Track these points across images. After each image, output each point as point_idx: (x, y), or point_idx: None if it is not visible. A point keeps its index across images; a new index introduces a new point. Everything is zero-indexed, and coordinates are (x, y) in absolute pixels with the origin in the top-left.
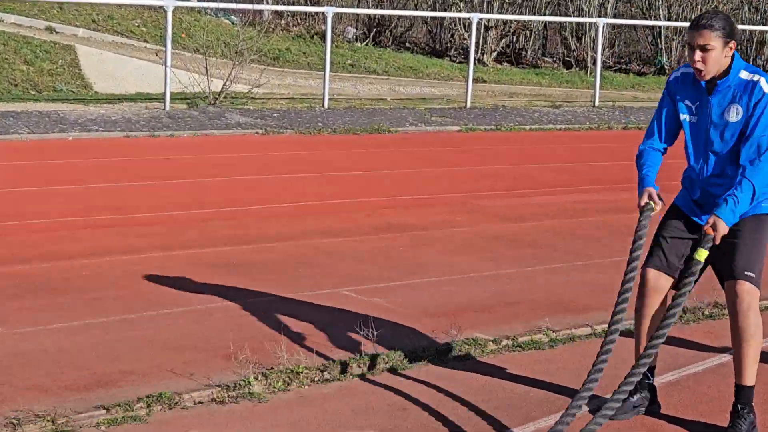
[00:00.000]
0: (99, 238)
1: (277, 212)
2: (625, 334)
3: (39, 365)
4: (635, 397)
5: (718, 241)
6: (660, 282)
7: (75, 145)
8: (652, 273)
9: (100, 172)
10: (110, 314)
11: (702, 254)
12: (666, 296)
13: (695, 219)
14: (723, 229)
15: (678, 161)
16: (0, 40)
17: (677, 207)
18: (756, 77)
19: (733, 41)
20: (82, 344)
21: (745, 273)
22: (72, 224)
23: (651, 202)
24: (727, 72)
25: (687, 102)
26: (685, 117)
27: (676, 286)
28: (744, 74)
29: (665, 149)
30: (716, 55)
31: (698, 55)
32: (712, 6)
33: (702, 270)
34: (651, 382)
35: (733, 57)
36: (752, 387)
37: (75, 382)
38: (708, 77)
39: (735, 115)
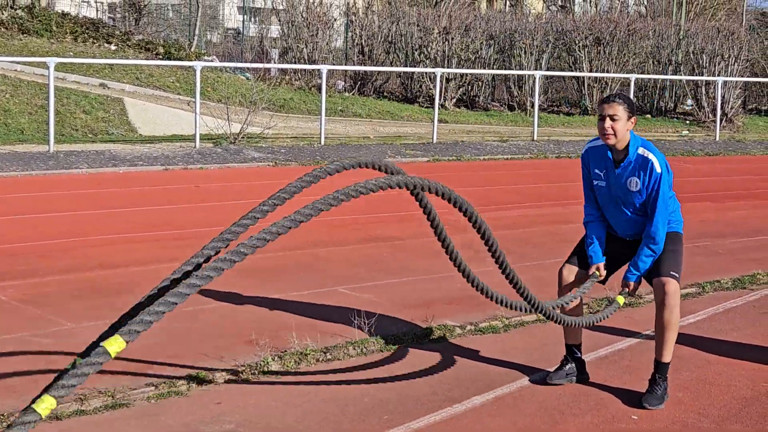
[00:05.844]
0: (145, 250)
1: None
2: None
3: None
4: (568, 366)
5: (633, 292)
6: (570, 276)
7: (124, 177)
8: (567, 269)
9: (145, 198)
10: None
11: (621, 300)
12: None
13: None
14: (634, 285)
15: None
16: (63, 95)
17: None
18: (650, 156)
19: (634, 117)
20: None
21: (671, 273)
22: (123, 239)
23: (597, 272)
24: (627, 149)
25: (597, 171)
26: (597, 182)
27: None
28: (641, 150)
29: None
30: (621, 125)
31: (608, 123)
32: (624, 60)
33: (617, 268)
34: (579, 356)
35: (630, 134)
36: (668, 363)
37: (129, 365)
38: (614, 143)
39: (635, 185)
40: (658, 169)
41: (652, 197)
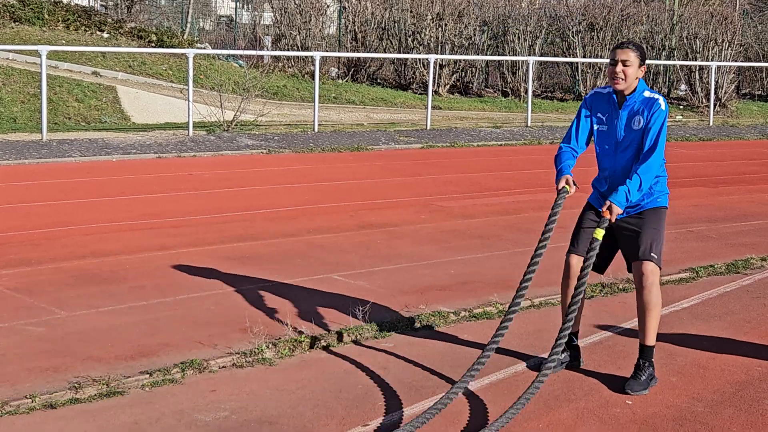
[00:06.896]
0: (138, 238)
1: (279, 215)
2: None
3: (93, 340)
4: (563, 355)
5: (613, 221)
6: (579, 266)
7: (117, 165)
8: (575, 259)
9: (137, 186)
10: (149, 299)
11: (599, 233)
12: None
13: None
14: (616, 210)
15: (592, 168)
16: (56, 83)
17: (589, 203)
18: (656, 96)
19: (644, 65)
20: (127, 323)
21: (650, 254)
22: (116, 228)
23: (567, 186)
24: (633, 93)
25: (600, 114)
26: (599, 126)
27: (582, 263)
28: (647, 93)
29: (578, 153)
30: (632, 71)
31: (619, 67)
32: None
33: (612, 256)
34: (576, 343)
35: (639, 81)
36: (653, 346)
37: (123, 353)
38: (623, 87)
39: (638, 123)
40: (663, 107)
41: (651, 130)
